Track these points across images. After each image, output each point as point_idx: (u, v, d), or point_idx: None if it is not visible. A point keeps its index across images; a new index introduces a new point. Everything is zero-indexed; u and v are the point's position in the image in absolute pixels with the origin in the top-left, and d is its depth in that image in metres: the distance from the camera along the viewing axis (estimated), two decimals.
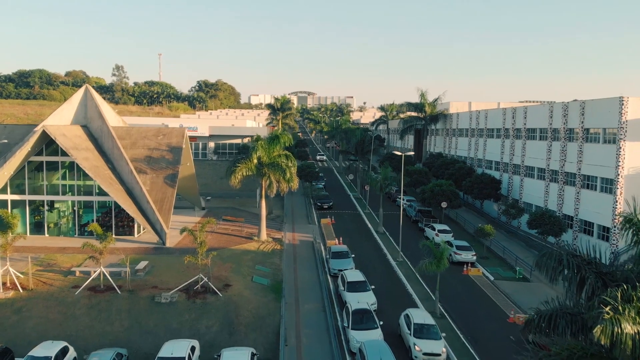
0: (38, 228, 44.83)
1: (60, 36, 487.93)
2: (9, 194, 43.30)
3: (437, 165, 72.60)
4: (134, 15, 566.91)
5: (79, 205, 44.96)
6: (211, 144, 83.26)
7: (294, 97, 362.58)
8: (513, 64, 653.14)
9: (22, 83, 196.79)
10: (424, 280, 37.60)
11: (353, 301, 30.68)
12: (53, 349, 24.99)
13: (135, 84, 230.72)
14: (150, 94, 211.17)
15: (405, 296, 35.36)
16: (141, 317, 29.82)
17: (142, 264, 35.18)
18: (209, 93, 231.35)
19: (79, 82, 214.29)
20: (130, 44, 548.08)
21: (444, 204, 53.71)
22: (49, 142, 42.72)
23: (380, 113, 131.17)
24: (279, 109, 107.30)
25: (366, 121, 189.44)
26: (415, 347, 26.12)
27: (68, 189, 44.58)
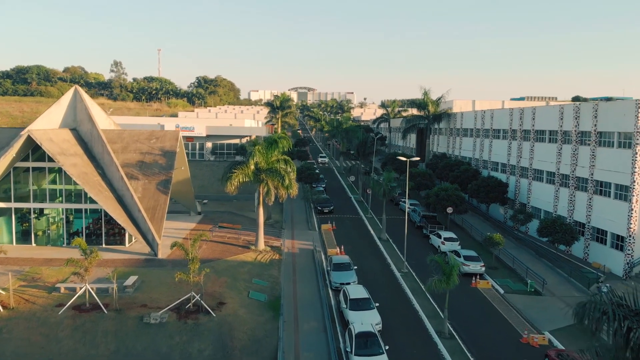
0: (25, 237, 42.77)
1: (59, 32, 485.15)
2: None
3: (441, 167, 70.45)
4: (133, 9, 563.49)
5: (68, 212, 42.89)
6: (208, 144, 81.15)
7: (294, 93, 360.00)
8: (514, 59, 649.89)
9: (20, 79, 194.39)
10: (431, 295, 35.49)
11: (356, 321, 28.66)
12: None
13: (134, 79, 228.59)
14: (149, 90, 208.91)
15: (412, 313, 33.27)
16: (128, 340, 27.75)
17: (131, 279, 33.08)
18: (208, 89, 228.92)
19: (77, 79, 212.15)
20: (130, 39, 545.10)
21: (449, 210, 51.60)
22: (36, 147, 40.58)
23: (381, 110, 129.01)
24: (278, 107, 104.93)
25: (367, 118, 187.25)
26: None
27: (58, 193, 42.47)
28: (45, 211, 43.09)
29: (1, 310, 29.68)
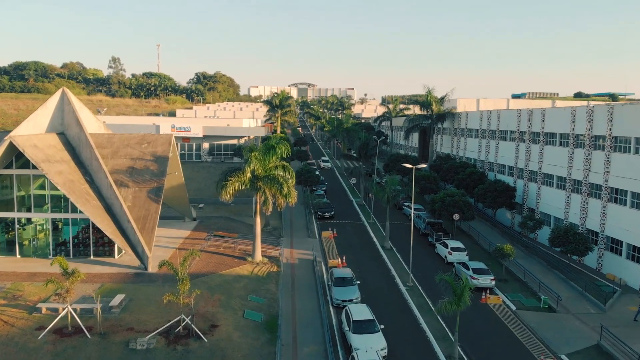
0: (10, 248, 40.49)
1: (58, 28, 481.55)
2: None
3: (446, 169, 68.10)
4: (132, 4, 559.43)
5: (58, 219, 40.61)
6: (205, 145, 78.72)
7: (294, 89, 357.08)
8: (515, 55, 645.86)
9: (17, 76, 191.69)
10: (439, 313, 33.22)
11: (361, 347, 26.50)
12: None
13: (132, 75, 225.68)
14: (148, 87, 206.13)
15: (419, 335, 31.01)
16: None
17: (118, 298, 30.82)
18: (207, 85, 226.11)
19: (75, 75, 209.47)
20: (129, 35, 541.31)
21: (456, 216, 49.32)
22: (20, 153, 38.25)
23: (382, 109, 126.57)
24: (277, 106, 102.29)
25: (368, 115, 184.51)
26: None
27: (46, 200, 40.16)
28: (32, 219, 40.84)
29: None
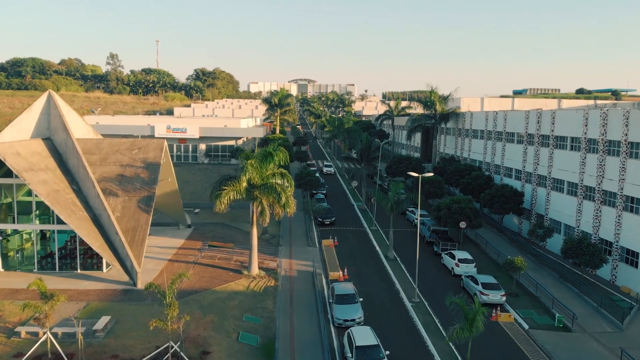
0: None
1: (56, 23, 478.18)
2: None
3: (450, 172, 65.84)
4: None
5: (39, 233, 38.51)
6: (202, 146, 76.49)
7: (294, 85, 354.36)
8: (516, 51, 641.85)
9: (14, 72, 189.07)
10: (450, 340, 31.04)
11: None
12: None
13: (131, 72, 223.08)
14: (146, 83, 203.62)
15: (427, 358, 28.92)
16: None
17: (103, 320, 28.66)
18: (206, 82, 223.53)
19: (73, 71, 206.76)
20: (128, 31, 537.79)
21: (462, 224, 47.12)
22: (2, 161, 36.06)
23: (383, 107, 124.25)
24: (277, 104, 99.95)
25: (368, 112, 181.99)
26: None
27: (33, 208, 37.99)
28: (18, 229, 38.72)
29: None
